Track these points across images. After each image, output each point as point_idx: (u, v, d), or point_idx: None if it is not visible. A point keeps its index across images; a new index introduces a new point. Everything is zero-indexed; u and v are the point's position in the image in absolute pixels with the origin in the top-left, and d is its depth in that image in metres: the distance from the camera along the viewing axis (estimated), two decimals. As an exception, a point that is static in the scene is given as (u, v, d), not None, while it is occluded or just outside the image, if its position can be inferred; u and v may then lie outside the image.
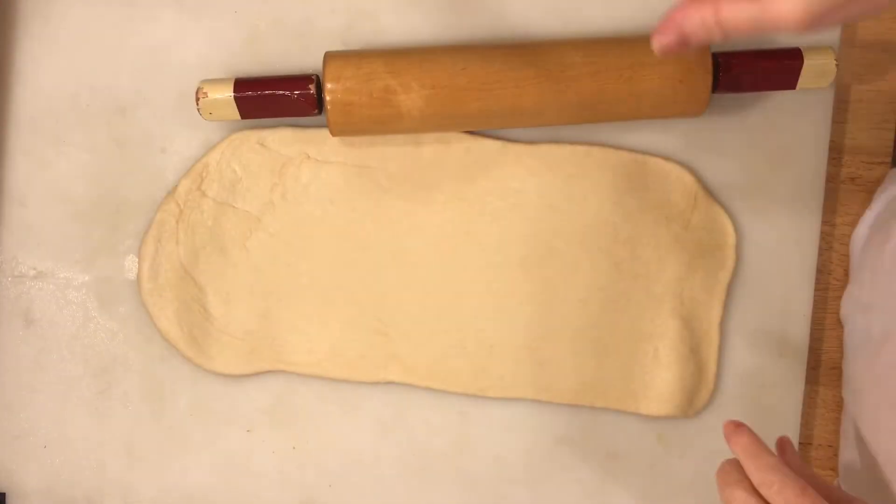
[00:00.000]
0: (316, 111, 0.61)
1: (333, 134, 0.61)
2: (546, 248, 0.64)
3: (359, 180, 0.65)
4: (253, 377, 0.65)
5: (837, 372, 0.67)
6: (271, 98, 0.61)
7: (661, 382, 0.65)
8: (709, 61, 0.60)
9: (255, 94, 0.60)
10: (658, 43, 0.48)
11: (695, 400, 0.65)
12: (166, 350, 0.65)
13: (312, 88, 0.61)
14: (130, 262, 0.65)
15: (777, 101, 0.65)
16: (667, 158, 0.65)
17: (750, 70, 0.61)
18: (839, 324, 0.67)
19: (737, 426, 0.51)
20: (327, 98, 0.59)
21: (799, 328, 0.66)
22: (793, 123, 0.65)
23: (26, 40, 0.65)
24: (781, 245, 0.66)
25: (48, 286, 0.66)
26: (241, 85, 0.61)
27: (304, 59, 0.65)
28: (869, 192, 0.67)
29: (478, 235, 0.65)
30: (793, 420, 0.66)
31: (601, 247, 0.64)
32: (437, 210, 0.65)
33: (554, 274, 0.65)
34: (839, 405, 0.67)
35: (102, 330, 0.66)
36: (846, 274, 0.67)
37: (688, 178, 0.64)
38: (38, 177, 0.65)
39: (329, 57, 0.60)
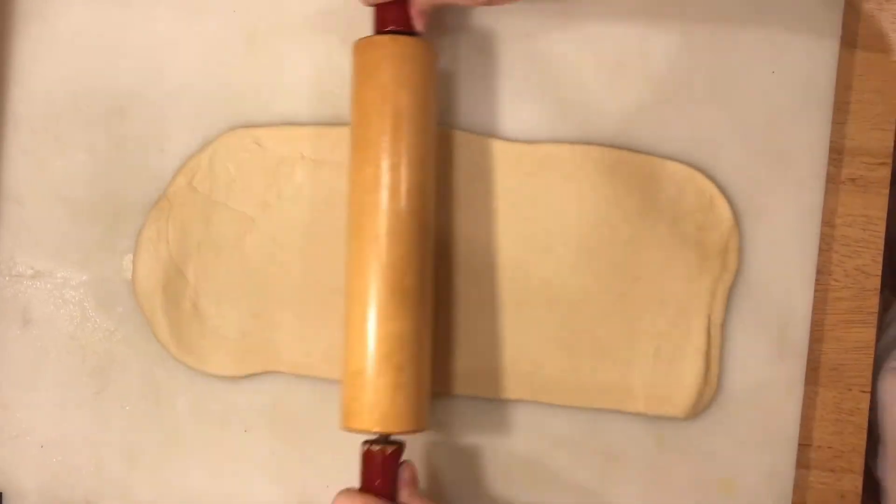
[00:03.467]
0: None
1: None
2: (544, 248, 0.64)
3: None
4: (250, 378, 0.65)
5: (837, 373, 0.67)
6: None
7: (662, 383, 0.64)
8: None
9: None
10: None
11: (696, 401, 0.65)
12: (164, 351, 0.65)
13: None
14: (128, 262, 0.65)
15: (777, 102, 0.65)
16: (672, 159, 0.65)
17: None
18: (839, 325, 0.67)
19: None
20: None
21: (799, 329, 0.65)
22: (793, 124, 0.65)
23: (25, 40, 0.65)
24: (782, 246, 0.66)
25: (46, 286, 0.65)
26: None
27: (304, 60, 0.65)
28: (870, 193, 0.67)
29: (475, 236, 0.64)
30: (793, 421, 0.65)
31: (600, 248, 0.64)
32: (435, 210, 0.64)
33: (552, 275, 0.64)
34: (839, 406, 0.67)
35: (100, 330, 0.65)
36: (846, 275, 0.67)
37: (700, 180, 0.64)
38: (37, 176, 0.65)
39: None
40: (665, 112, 0.65)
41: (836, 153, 0.67)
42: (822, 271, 0.67)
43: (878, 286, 0.67)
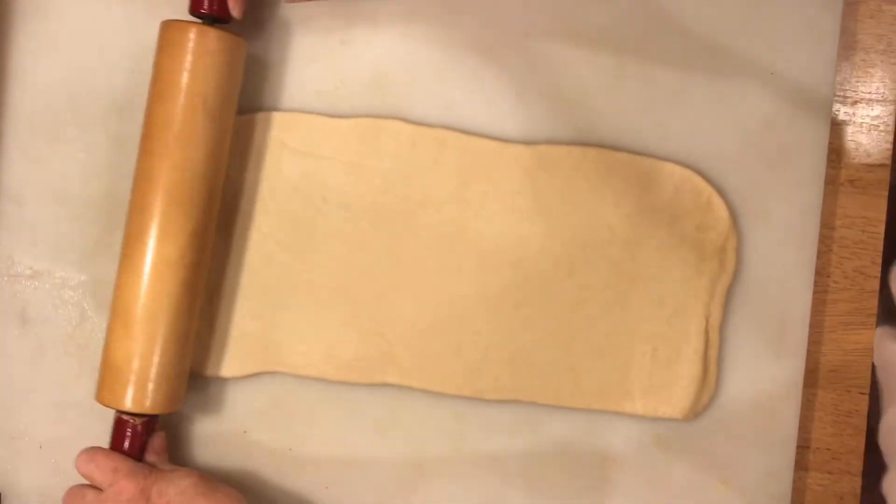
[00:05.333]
0: None
1: None
2: (542, 249, 0.64)
3: (352, 179, 0.64)
4: (250, 378, 0.65)
5: (836, 375, 0.67)
6: None
7: (660, 384, 0.64)
8: None
9: None
10: None
11: (694, 402, 0.65)
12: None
13: None
14: (127, 263, 0.65)
15: (776, 104, 0.65)
16: (669, 160, 0.65)
17: None
18: (838, 327, 0.66)
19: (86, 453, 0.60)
20: None
21: (797, 331, 0.65)
22: (791, 125, 0.65)
23: (24, 38, 0.65)
24: (780, 247, 0.66)
25: (44, 286, 0.65)
26: None
27: (301, 59, 0.65)
28: (868, 194, 0.67)
29: (474, 236, 0.64)
30: (791, 423, 0.65)
31: (598, 248, 0.64)
32: (433, 210, 0.64)
33: (550, 275, 0.64)
34: (837, 408, 0.67)
35: (98, 330, 0.65)
36: (845, 276, 0.67)
37: (698, 181, 0.64)
38: (35, 175, 0.65)
39: None
40: (663, 113, 0.65)
41: (835, 154, 0.67)
42: (821, 273, 0.67)
43: (878, 288, 0.67)
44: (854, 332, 0.67)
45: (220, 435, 0.65)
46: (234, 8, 0.60)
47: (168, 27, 0.60)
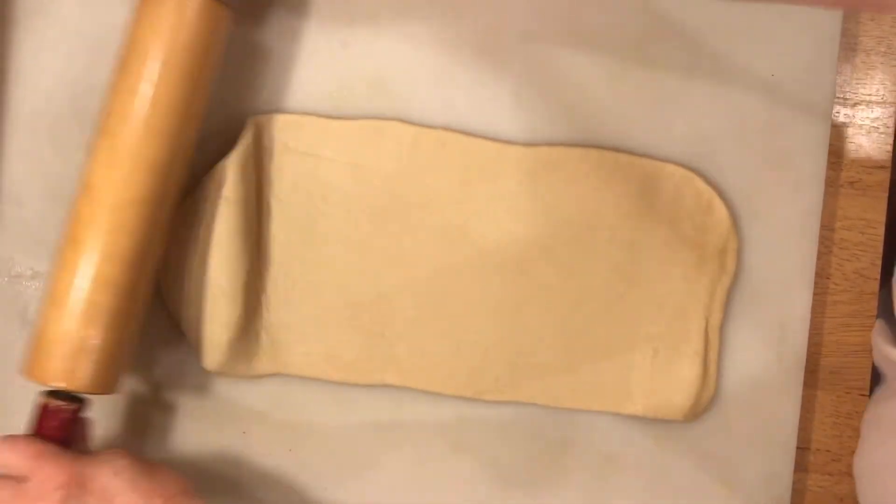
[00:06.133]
0: None
1: None
2: (542, 250, 0.64)
3: (353, 180, 0.64)
4: (249, 379, 0.65)
5: (836, 376, 0.67)
6: None
7: (660, 385, 0.65)
8: None
9: None
10: None
11: (694, 403, 0.65)
12: (161, 351, 0.65)
13: None
14: (127, 263, 0.65)
15: (777, 105, 0.65)
16: (669, 162, 0.65)
17: None
18: (837, 328, 0.67)
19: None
20: None
21: (797, 332, 0.66)
22: (792, 127, 0.65)
23: (24, 39, 0.65)
24: (780, 249, 0.66)
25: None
26: None
27: (302, 58, 0.65)
28: (868, 196, 0.67)
29: (474, 237, 0.64)
30: (791, 424, 0.66)
31: (598, 249, 0.64)
32: (433, 211, 0.64)
33: (550, 276, 0.64)
34: (837, 410, 0.67)
35: (99, 331, 0.65)
36: (845, 278, 0.67)
37: (698, 183, 0.64)
38: (36, 176, 0.65)
39: None
40: (664, 114, 0.65)
41: (836, 156, 0.67)
42: (821, 275, 0.67)
43: (877, 290, 0.67)
44: (854, 333, 0.67)
45: (219, 435, 0.65)
46: None
47: None
